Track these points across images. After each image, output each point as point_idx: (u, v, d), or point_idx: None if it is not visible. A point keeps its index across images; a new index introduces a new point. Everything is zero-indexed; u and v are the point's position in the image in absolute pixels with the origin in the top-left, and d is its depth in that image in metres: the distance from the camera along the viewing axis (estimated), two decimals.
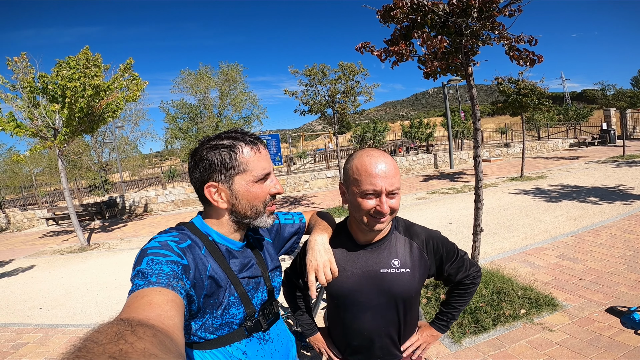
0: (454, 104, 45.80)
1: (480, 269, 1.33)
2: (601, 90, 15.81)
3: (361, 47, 3.22)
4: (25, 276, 6.57)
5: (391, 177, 1.04)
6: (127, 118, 25.15)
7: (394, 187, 1.04)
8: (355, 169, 1.07)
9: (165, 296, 0.67)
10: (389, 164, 1.05)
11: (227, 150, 0.91)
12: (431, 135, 21.52)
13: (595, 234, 5.02)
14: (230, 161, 0.91)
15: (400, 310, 1.18)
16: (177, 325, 0.61)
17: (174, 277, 0.75)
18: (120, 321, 0.49)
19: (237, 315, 0.94)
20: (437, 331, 1.34)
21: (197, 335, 0.91)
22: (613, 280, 3.52)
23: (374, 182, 1.03)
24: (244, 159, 0.92)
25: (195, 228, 0.96)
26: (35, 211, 13.69)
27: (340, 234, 1.22)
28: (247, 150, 0.93)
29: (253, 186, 0.94)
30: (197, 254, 0.87)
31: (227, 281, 0.91)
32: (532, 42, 2.99)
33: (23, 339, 3.78)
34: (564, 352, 2.52)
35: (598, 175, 10.03)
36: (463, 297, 1.30)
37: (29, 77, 7.57)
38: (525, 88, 9.89)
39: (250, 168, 0.93)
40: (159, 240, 0.84)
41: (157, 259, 0.77)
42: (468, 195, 9.06)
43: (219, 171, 0.91)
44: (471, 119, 3.44)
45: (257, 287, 1.00)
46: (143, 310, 0.61)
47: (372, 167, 1.05)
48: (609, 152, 15.31)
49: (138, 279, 0.72)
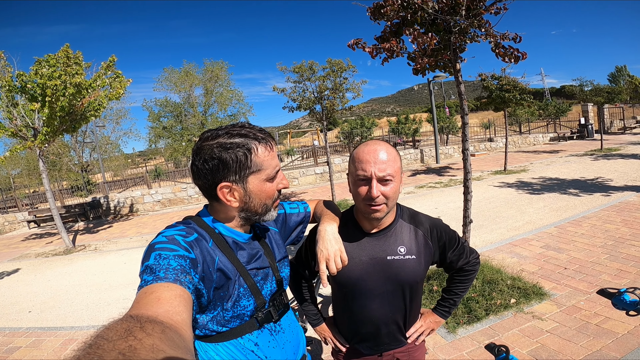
0: (439, 99, 46.47)
1: (479, 256, 1.38)
2: (579, 86, 16.37)
3: (353, 43, 3.25)
4: (10, 280, 6.38)
5: (381, 163, 1.06)
6: (109, 117, 24.45)
7: (385, 172, 1.06)
8: (353, 158, 1.13)
9: (173, 291, 0.68)
10: (382, 151, 1.07)
11: (243, 150, 0.89)
12: (417, 130, 21.78)
13: (577, 225, 5.21)
14: (245, 161, 0.90)
15: (407, 297, 1.22)
16: (185, 321, 0.62)
17: (181, 271, 0.75)
18: (129, 318, 0.50)
19: (248, 307, 0.94)
20: (439, 317, 1.39)
21: (208, 329, 0.91)
22: (596, 270, 3.67)
23: (364, 167, 1.07)
24: (260, 158, 0.92)
25: (202, 221, 0.96)
26: (16, 214, 13.22)
27: (347, 222, 1.25)
28: (262, 149, 0.92)
29: (265, 184, 0.94)
30: (204, 247, 0.88)
31: (235, 273, 0.92)
32: (517, 39, 3.09)
33: (15, 343, 3.70)
34: (555, 340, 2.62)
35: (577, 168, 10.39)
36: (463, 283, 1.35)
37: (7, 76, 7.28)
38: (508, 84, 10.14)
39: (264, 167, 0.93)
40: (165, 234, 0.85)
41: (164, 254, 0.77)
42: (455, 189, 9.25)
43: (234, 171, 0.89)
44: (456, 114, 3.52)
45: (265, 278, 1.01)
46: (152, 306, 0.62)
47: (364, 154, 1.08)
48: (587, 145, 15.86)
49: (146, 275, 0.73)
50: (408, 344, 1.32)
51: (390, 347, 1.30)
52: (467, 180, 3.48)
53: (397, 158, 1.11)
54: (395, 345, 1.29)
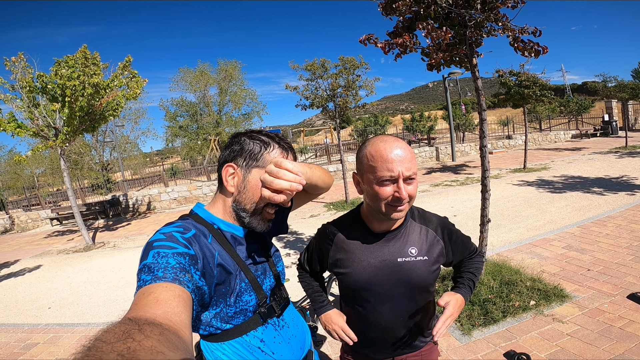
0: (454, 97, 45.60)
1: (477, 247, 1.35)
2: (602, 82, 15.74)
3: (365, 39, 3.19)
4: (32, 276, 6.59)
5: (407, 162, 1.00)
6: (127, 117, 25.12)
7: (412, 171, 1.01)
8: (370, 156, 1.03)
9: (172, 292, 0.67)
10: (405, 148, 1.02)
11: (261, 143, 0.95)
12: (432, 128, 21.48)
13: (601, 225, 5.00)
14: (257, 153, 0.94)
15: (420, 300, 1.17)
16: (184, 322, 0.61)
17: (180, 270, 0.73)
18: (127, 320, 0.50)
19: (250, 302, 0.94)
20: (462, 296, 1.20)
21: (213, 326, 0.90)
22: (621, 271, 3.50)
23: (391, 167, 0.99)
24: (270, 157, 0.94)
25: (200, 217, 0.95)
26: (39, 212, 13.72)
27: (354, 223, 1.20)
28: (277, 152, 0.96)
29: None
30: (203, 243, 0.87)
31: (236, 268, 0.91)
32: (537, 33, 2.96)
33: (33, 339, 3.79)
34: (576, 344, 2.51)
35: (601, 166, 9.99)
36: (473, 265, 1.29)
37: (28, 77, 7.53)
38: (527, 80, 9.85)
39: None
40: (163, 232, 0.83)
41: (163, 252, 0.75)
42: (471, 187, 9.04)
43: (244, 157, 0.94)
44: (472, 111, 3.42)
45: (264, 273, 1.01)
46: (150, 307, 0.61)
47: (387, 152, 1.01)
48: (611, 143, 15.23)
49: (145, 274, 0.71)
50: (421, 349, 1.25)
51: (403, 352, 1.24)
52: (485, 178, 3.37)
53: (414, 153, 1.06)
54: (408, 350, 1.24)
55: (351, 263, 1.16)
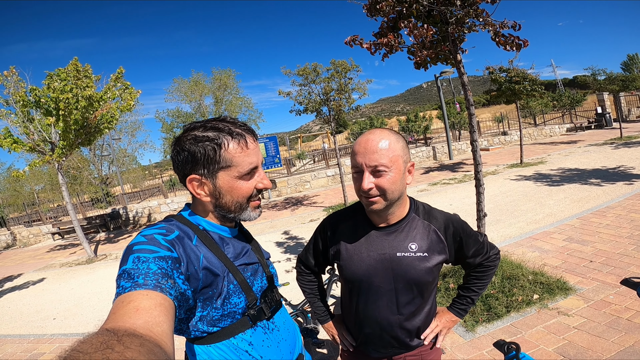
0: (448, 96, 45.82)
1: (499, 251, 1.29)
2: (592, 76, 15.83)
3: (350, 40, 3.20)
4: (36, 288, 6.58)
5: (372, 153, 0.99)
6: (124, 130, 25.07)
7: (377, 162, 0.99)
8: (352, 150, 1.09)
9: (154, 300, 0.64)
10: (376, 140, 1.00)
11: (211, 144, 0.86)
12: (428, 128, 21.54)
13: (601, 215, 4.99)
14: (214, 156, 0.86)
15: (418, 297, 1.14)
16: (165, 332, 0.59)
17: (162, 275, 0.70)
18: (105, 331, 0.47)
19: (239, 304, 0.90)
20: (455, 316, 1.30)
21: (198, 329, 0.87)
22: (624, 262, 3.48)
23: (356, 158, 1.04)
24: (229, 154, 0.87)
25: (184, 219, 0.93)
26: (41, 227, 13.70)
27: (355, 215, 1.19)
28: (233, 144, 0.87)
29: (238, 182, 0.90)
30: (187, 245, 0.83)
31: (224, 269, 0.88)
32: (516, 27, 2.99)
33: (40, 349, 3.79)
34: (584, 337, 2.48)
35: (598, 158, 10.01)
36: (482, 280, 1.26)
37: (21, 91, 7.49)
38: (517, 76, 9.91)
39: (235, 163, 0.88)
40: (145, 234, 0.80)
41: (143, 257, 0.72)
42: (469, 185, 9.04)
43: (202, 165, 0.87)
44: (466, 110, 3.43)
45: (255, 274, 0.97)
46: (129, 317, 0.58)
47: (357, 144, 1.04)
48: (606, 135, 15.28)
49: (124, 280, 0.67)
50: (421, 348, 1.23)
51: (400, 351, 1.22)
52: (478, 172, 3.38)
53: (397, 147, 1.02)
54: (406, 349, 1.21)
55: (351, 255, 1.16)
